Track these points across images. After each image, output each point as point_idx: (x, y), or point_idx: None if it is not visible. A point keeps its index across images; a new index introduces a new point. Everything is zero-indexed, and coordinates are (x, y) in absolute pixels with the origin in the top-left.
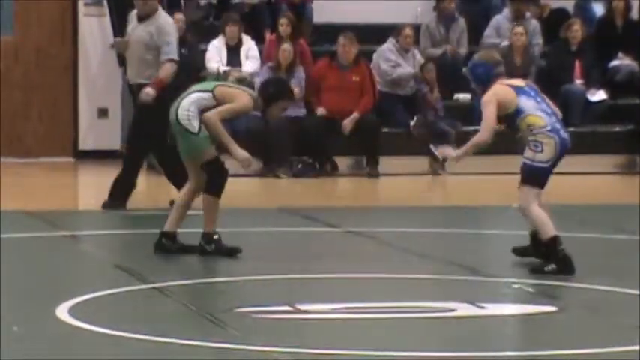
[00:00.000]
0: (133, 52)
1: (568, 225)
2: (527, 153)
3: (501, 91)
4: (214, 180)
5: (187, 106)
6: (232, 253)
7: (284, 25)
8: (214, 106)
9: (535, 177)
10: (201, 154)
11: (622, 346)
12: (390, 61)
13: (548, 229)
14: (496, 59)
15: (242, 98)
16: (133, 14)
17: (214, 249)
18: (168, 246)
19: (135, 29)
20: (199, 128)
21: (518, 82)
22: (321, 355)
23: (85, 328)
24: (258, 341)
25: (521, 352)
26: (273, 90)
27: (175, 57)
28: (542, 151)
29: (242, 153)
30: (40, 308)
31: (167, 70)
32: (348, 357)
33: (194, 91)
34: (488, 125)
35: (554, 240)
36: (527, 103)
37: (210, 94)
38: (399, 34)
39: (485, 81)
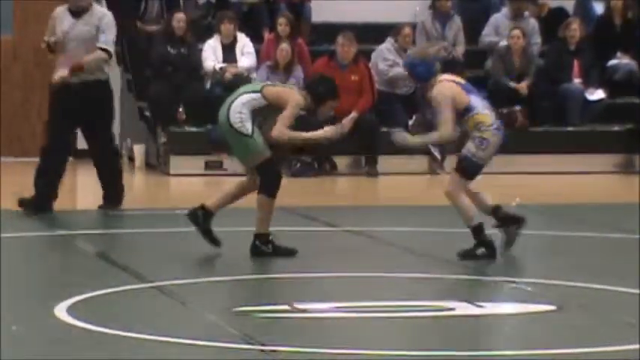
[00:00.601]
0: (74, 49)
1: (567, 224)
2: (472, 147)
3: (453, 89)
4: (270, 181)
5: (239, 108)
6: (290, 253)
7: (282, 25)
8: (266, 106)
9: (471, 171)
10: (255, 156)
11: (620, 346)
12: (388, 61)
13: (472, 215)
14: (433, 55)
15: (293, 97)
16: (59, 11)
17: (272, 250)
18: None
19: (75, 25)
20: (252, 130)
21: (459, 78)
22: (319, 354)
23: (83, 327)
24: (256, 340)
25: (520, 352)
26: (323, 89)
27: (111, 50)
28: (485, 149)
29: (327, 131)
30: (38, 307)
31: (95, 56)
32: (346, 356)
33: (243, 93)
34: (448, 122)
35: (479, 228)
36: (477, 101)
37: (260, 95)
38: (398, 33)
39: (428, 78)
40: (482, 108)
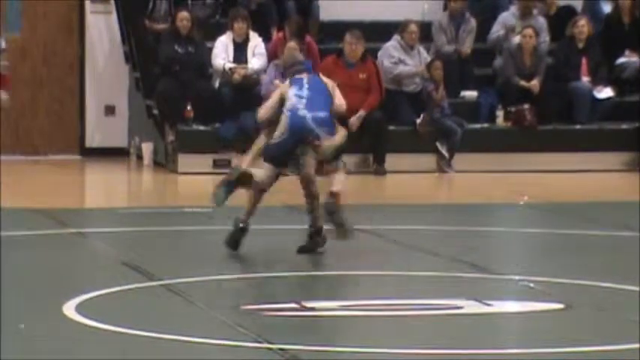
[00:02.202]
0: None
1: (575, 222)
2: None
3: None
4: None
5: None
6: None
7: (292, 28)
8: None
9: (266, 156)
10: None
11: (628, 344)
12: (393, 58)
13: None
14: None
15: None
16: None
17: None
18: None
19: None
20: None
21: (303, 75)
22: (327, 352)
23: (92, 325)
24: (265, 339)
25: (528, 350)
26: None
27: None
28: (277, 130)
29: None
30: (47, 306)
31: None
32: (354, 354)
33: None
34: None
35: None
36: (291, 92)
37: None
38: (404, 30)
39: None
40: (292, 94)
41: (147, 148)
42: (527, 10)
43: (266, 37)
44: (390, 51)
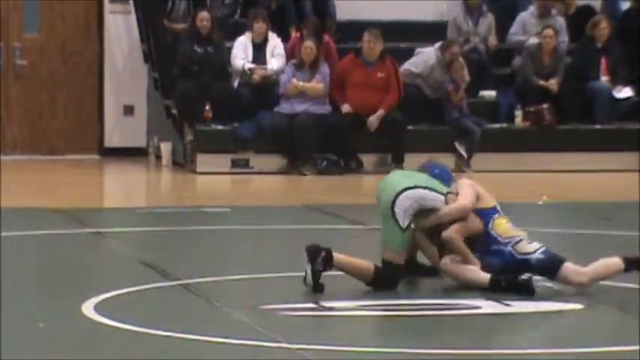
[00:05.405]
0: None
1: (594, 222)
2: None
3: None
4: (381, 280)
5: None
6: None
7: (309, 29)
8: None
9: None
10: (390, 248)
11: None
12: (417, 68)
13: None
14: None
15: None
16: None
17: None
18: None
19: None
20: (407, 226)
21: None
22: (346, 352)
23: (110, 324)
24: (283, 338)
25: (548, 350)
26: None
27: None
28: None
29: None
30: (66, 305)
31: None
32: (372, 354)
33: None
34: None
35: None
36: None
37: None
38: (447, 49)
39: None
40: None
41: (165, 147)
42: (546, 9)
43: (284, 37)
44: (420, 59)
